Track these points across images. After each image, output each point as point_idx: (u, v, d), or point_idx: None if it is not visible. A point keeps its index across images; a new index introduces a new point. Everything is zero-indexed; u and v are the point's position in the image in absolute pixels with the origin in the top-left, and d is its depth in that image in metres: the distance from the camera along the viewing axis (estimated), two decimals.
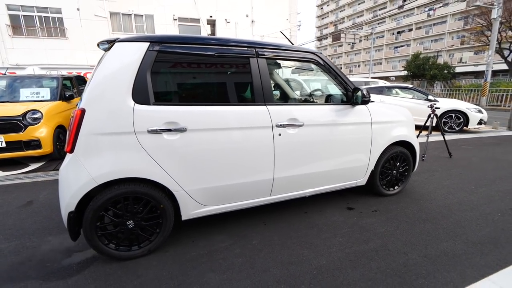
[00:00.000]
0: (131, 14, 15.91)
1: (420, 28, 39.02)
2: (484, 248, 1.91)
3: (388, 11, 39.26)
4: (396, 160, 2.76)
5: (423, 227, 2.19)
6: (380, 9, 44.62)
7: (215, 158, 1.87)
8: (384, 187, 2.77)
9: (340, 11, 53.89)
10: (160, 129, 1.70)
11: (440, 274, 1.64)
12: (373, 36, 30.26)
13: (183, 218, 1.92)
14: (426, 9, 36.30)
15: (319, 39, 58.65)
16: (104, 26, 15.29)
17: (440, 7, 34.14)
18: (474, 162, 4.09)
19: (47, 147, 4.18)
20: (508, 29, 19.86)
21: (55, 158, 4.43)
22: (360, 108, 2.41)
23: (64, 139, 4.73)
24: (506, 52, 21.01)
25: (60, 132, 4.55)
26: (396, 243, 1.98)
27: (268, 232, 2.15)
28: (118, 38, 1.68)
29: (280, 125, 2.04)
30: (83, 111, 1.57)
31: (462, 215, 2.40)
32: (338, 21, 54.49)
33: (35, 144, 4.12)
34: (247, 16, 18.56)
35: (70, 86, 5.74)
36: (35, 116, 4.15)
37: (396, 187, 2.86)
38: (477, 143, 5.57)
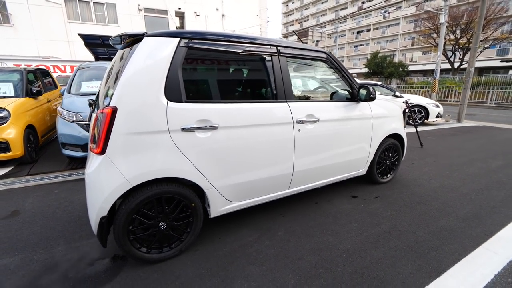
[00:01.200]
0: (89, 1, 14.52)
1: (377, 28, 42.10)
2: (471, 222, 2.26)
3: (352, 13, 41.57)
4: (389, 151, 3.06)
5: (420, 209, 2.50)
6: (341, 9, 47.06)
7: (243, 154, 1.90)
8: (379, 175, 3.06)
9: (305, 9, 55.50)
10: (193, 127, 1.68)
11: (446, 246, 1.91)
12: (336, 35, 31.84)
13: (212, 215, 1.92)
14: (382, 11, 39.28)
15: (285, 36, 59.87)
16: (57, 13, 13.73)
17: (394, 10, 37.24)
18: (442, 151, 4.68)
19: (17, 150, 3.73)
20: (451, 33, 22.51)
21: (24, 162, 3.96)
22: (363, 104, 2.62)
23: (35, 140, 4.24)
24: (449, 53, 23.83)
25: (30, 132, 4.07)
26: (403, 224, 2.23)
27: (289, 223, 2.25)
28: (146, 33, 1.60)
29: (300, 121, 2.13)
30: (114, 110, 1.48)
31: (447, 196, 2.78)
32: (303, 18, 56.11)
33: (3, 146, 3.64)
34: (217, 9, 18.20)
35: (34, 81, 5.11)
36: (1, 115, 3.65)
37: (389, 175, 3.17)
38: (438, 134, 6.34)
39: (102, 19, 15.06)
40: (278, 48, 2.05)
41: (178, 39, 1.65)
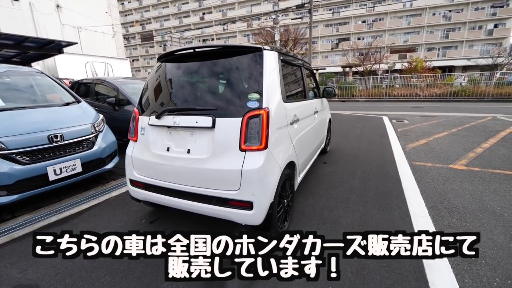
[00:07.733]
0: None
1: (219, 38, 47.71)
2: (382, 157, 4.14)
3: (195, 23, 44.04)
4: (328, 131, 4.59)
5: (361, 160, 4.16)
6: (185, 17, 48.97)
7: (306, 137, 2.61)
8: (326, 147, 4.54)
9: (145, 11, 52.63)
10: (294, 121, 2.21)
11: (388, 172, 3.57)
12: (184, 41, 33.12)
13: (295, 189, 2.48)
14: (222, 23, 44.99)
15: (126, 37, 53.93)
16: None
17: (231, 24, 43.81)
18: (337, 128, 7.01)
19: None
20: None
21: None
22: (323, 99, 3.91)
23: None
24: None
25: None
26: (364, 168, 3.74)
27: (317, 186, 3.15)
28: (263, 47, 1.94)
29: (314, 112, 3.07)
30: (268, 111, 1.77)
31: (360, 151, 4.67)
32: (144, 21, 52.98)
33: None
34: None
35: None
36: None
37: (328, 147, 4.73)
38: None
39: None
40: (302, 61, 2.87)
41: (277, 53, 2.11)
